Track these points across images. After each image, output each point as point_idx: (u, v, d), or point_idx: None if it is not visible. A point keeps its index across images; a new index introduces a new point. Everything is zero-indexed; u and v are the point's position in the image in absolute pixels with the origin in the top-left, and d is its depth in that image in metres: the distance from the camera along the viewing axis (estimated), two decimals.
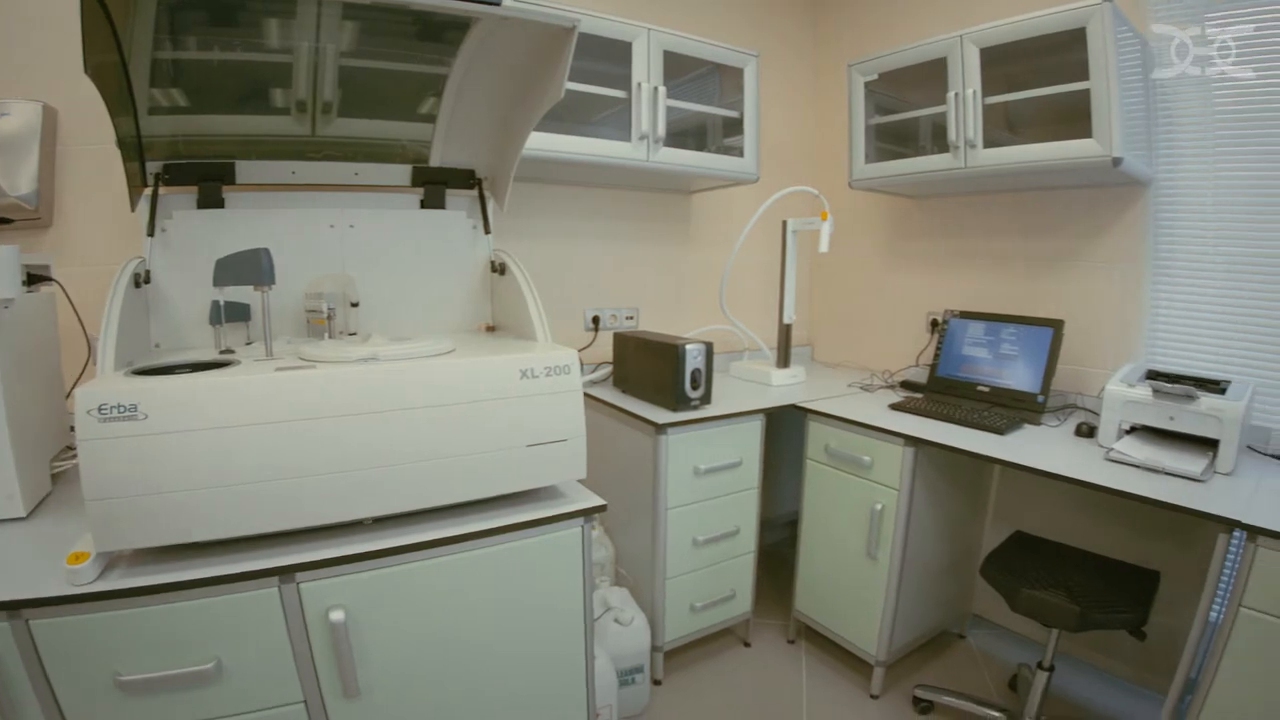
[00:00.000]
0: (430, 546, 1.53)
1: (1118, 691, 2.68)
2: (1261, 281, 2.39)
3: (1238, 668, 1.74)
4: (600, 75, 2.54)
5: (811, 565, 2.83)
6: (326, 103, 1.95)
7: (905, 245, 3.45)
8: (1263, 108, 2.36)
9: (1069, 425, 2.52)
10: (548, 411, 1.67)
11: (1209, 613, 1.85)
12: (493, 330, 2.27)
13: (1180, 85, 2.51)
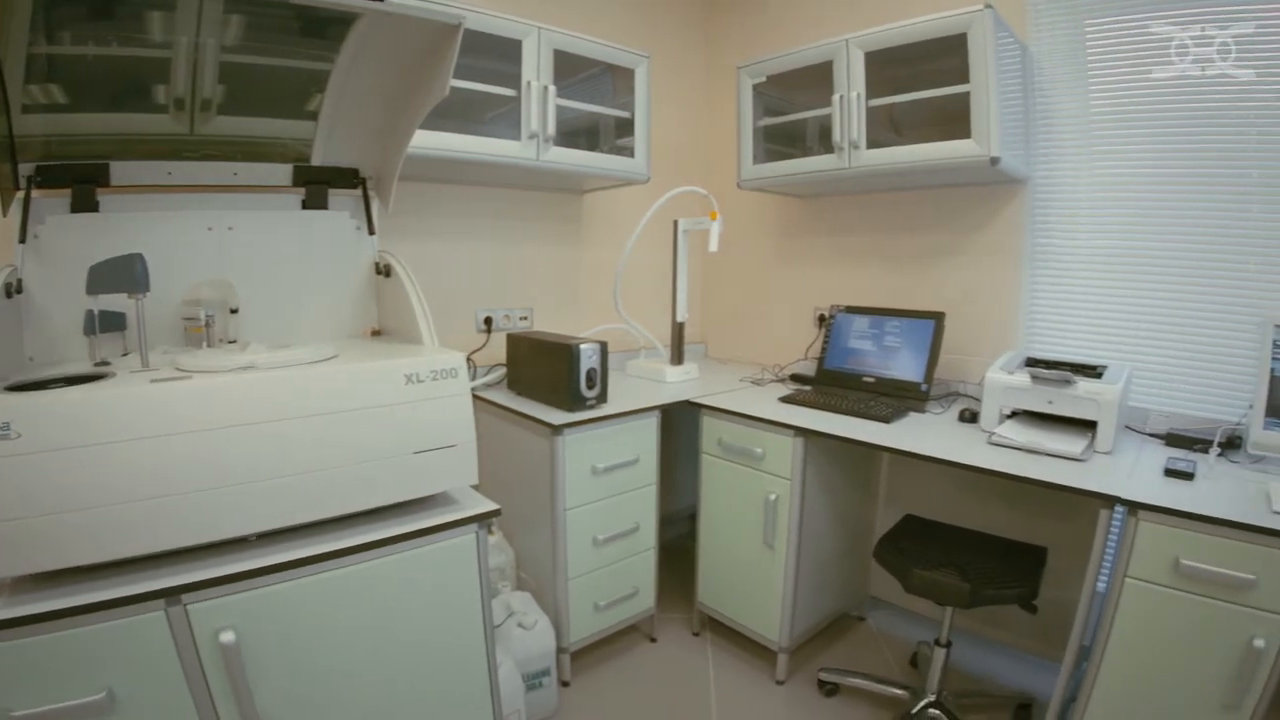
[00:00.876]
0: (317, 561, 1.54)
1: (1015, 662, 2.90)
2: (1134, 271, 2.63)
3: (1127, 634, 1.92)
4: (492, 73, 2.56)
5: (711, 557, 2.93)
6: (206, 100, 1.90)
7: (793, 243, 3.63)
8: (1135, 108, 2.59)
9: (953, 412, 2.70)
10: (435, 417, 1.69)
11: (1095, 584, 2.04)
12: (379, 335, 2.28)
13: (1058, 88, 2.73)
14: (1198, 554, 1.80)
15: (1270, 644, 1.77)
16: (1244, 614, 1.79)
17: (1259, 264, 2.45)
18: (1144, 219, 2.61)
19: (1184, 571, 1.82)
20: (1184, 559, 1.81)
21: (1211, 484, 2.03)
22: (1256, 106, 2.39)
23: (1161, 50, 2.52)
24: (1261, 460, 2.23)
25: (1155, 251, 2.59)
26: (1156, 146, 2.56)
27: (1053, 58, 2.73)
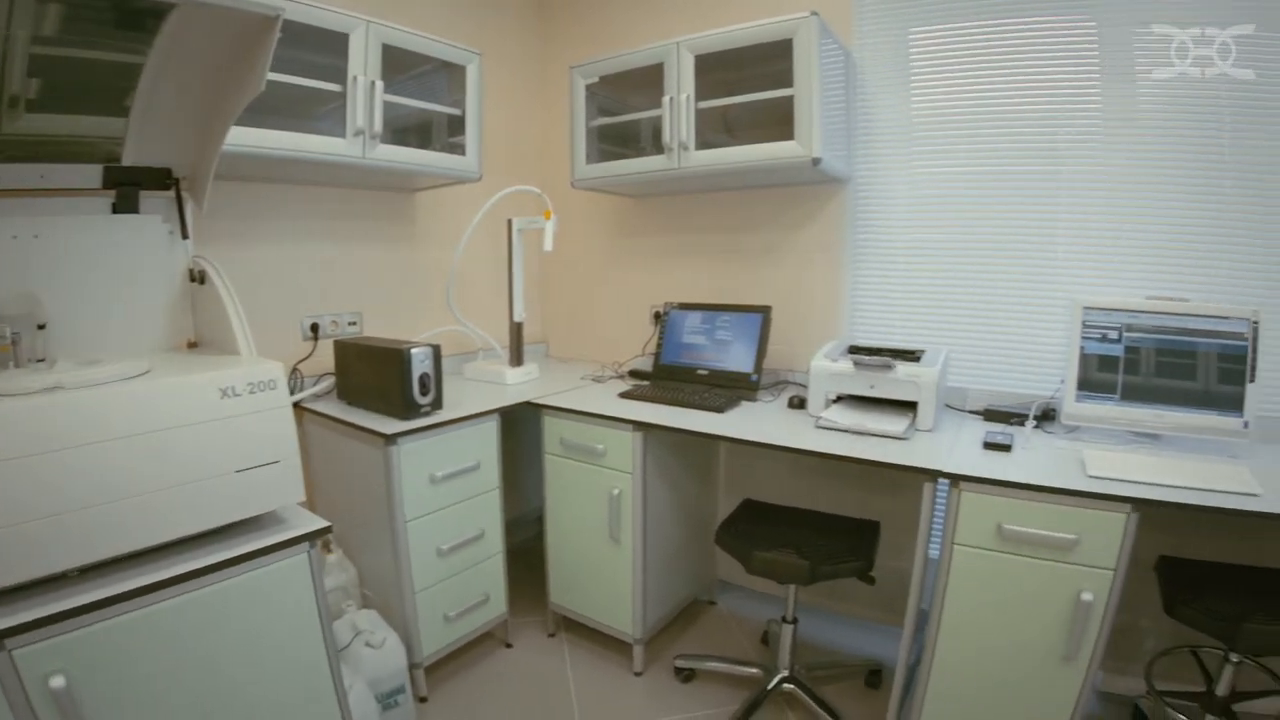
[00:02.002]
0: (141, 594, 1.50)
1: (862, 632, 3.18)
2: (952, 262, 2.96)
3: (961, 597, 2.17)
4: (320, 68, 2.51)
5: (560, 557, 3.03)
6: (14, 96, 1.79)
7: (629, 242, 3.80)
8: (954, 111, 2.93)
9: (783, 400, 2.93)
10: (256, 432, 1.68)
11: (927, 552, 2.27)
12: (195, 346, 2.21)
13: (880, 92, 3.01)
14: (1019, 519, 2.06)
15: (1098, 596, 2.03)
16: (1070, 570, 2.05)
17: (1067, 250, 2.80)
18: (961, 213, 2.94)
19: (1007, 536, 2.06)
20: (1006, 524, 2.06)
21: (1029, 454, 2.31)
22: (1066, 108, 2.77)
23: (981, 55, 2.86)
24: (1075, 430, 2.55)
25: (971, 243, 2.92)
26: (973, 146, 2.90)
27: (876, 63, 3.02)
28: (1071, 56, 2.74)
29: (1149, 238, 2.73)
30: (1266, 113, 2.58)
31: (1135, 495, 2.00)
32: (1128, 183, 2.73)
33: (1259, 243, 2.64)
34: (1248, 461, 2.32)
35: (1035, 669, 2.16)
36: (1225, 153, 2.65)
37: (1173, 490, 2.03)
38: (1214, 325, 2.44)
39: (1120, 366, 2.49)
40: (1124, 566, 2.03)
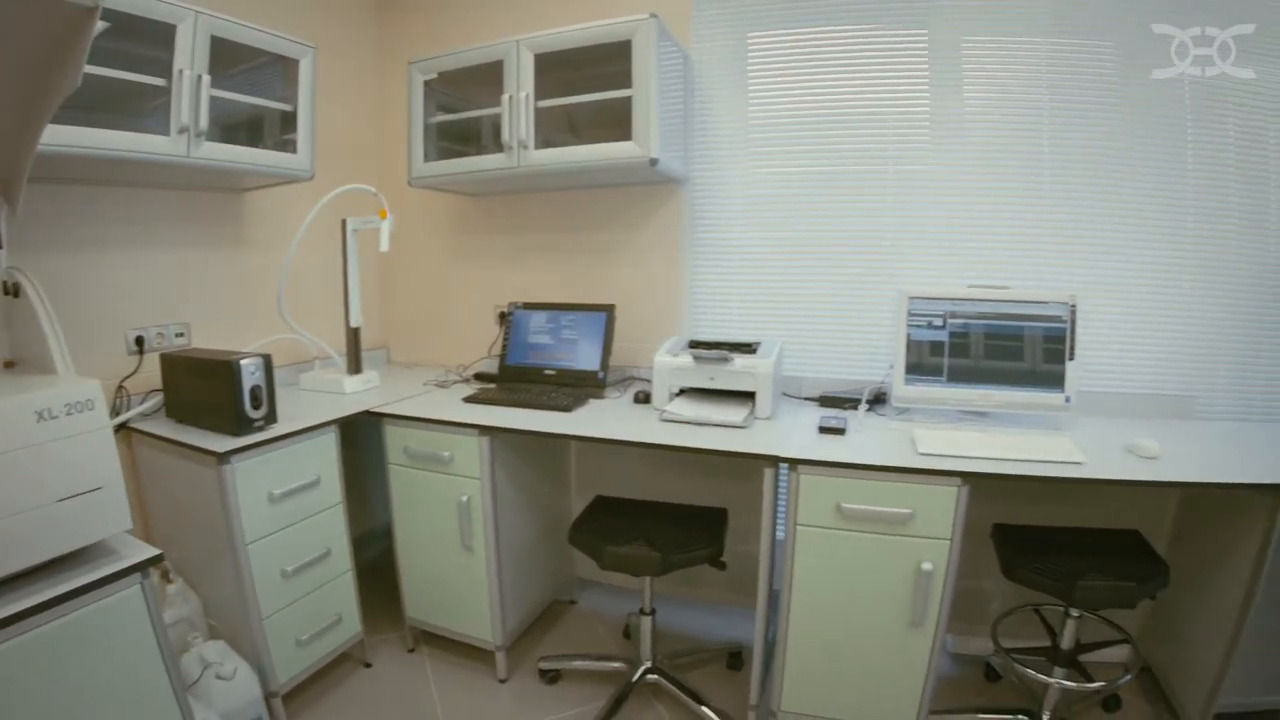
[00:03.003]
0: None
1: (721, 616, 3.33)
2: (787, 257, 3.19)
3: (808, 574, 2.35)
4: (147, 61, 2.38)
5: (413, 569, 3.02)
6: None
7: (471, 241, 3.81)
8: (790, 113, 3.14)
9: (629, 395, 3.05)
10: (75, 457, 1.62)
11: (773, 535, 2.42)
12: (12, 366, 2.09)
13: (718, 94, 3.18)
14: (857, 497, 2.24)
15: (937, 565, 2.24)
16: (909, 543, 2.25)
17: (893, 244, 3.09)
18: (795, 211, 3.16)
19: (847, 514, 2.24)
20: (845, 503, 2.24)
21: (862, 436, 2.52)
22: (897, 111, 3.06)
23: (817, 61, 3.09)
24: (906, 411, 2.80)
25: (805, 239, 3.16)
26: (807, 147, 3.13)
27: (715, 66, 3.18)
28: (903, 63, 3.02)
29: (975, 231, 3.06)
30: (1082, 114, 2.95)
31: (964, 469, 2.21)
32: (954, 181, 3.04)
33: (1076, 233, 3.01)
34: (1070, 433, 2.62)
35: (885, 637, 2.37)
36: (1044, 152, 3.01)
37: (1000, 463, 2.26)
38: (1034, 310, 2.72)
39: (945, 351, 2.76)
40: (959, 536, 2.24)
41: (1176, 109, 2.98)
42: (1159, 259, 3.03)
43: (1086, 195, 3.00)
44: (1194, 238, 3.01)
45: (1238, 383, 3.09)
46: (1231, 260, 3.04)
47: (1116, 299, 3.03)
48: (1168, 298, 3.05)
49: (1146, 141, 2.99)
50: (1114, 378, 3.05)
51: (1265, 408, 3.08)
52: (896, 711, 2.46)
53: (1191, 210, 3.01)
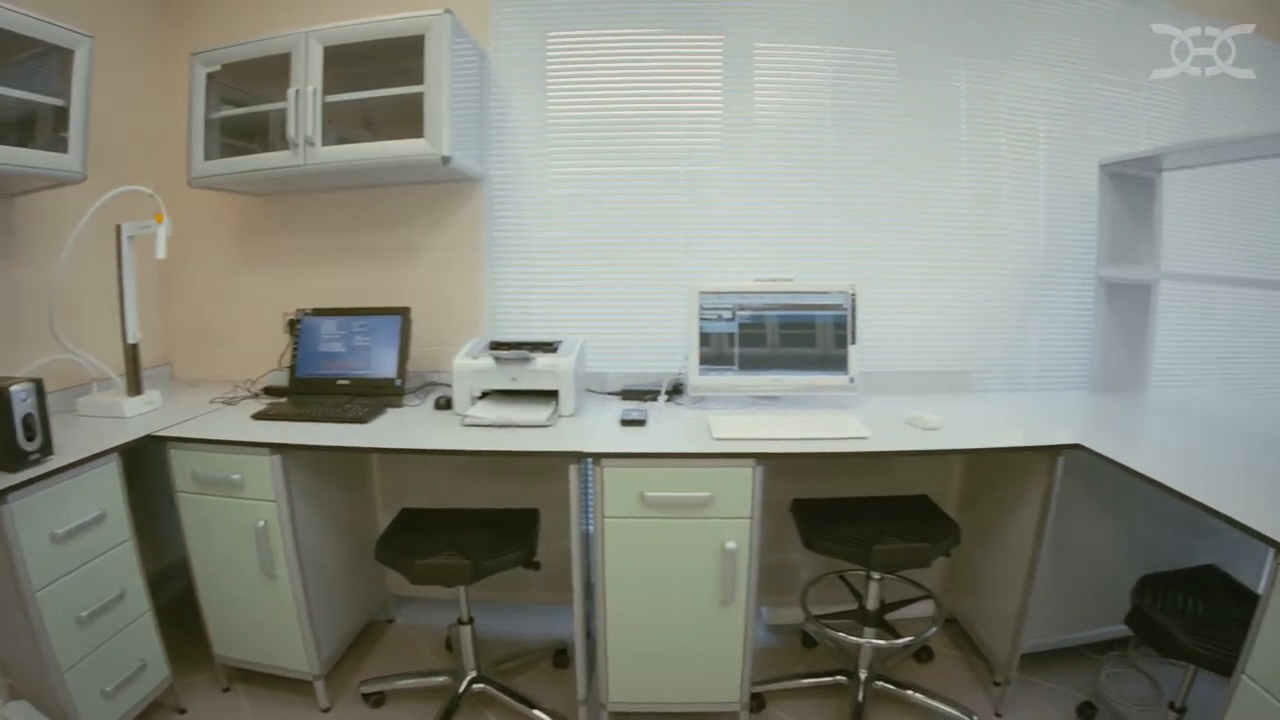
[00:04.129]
0: None
1: (542, 616, 3.39)
2: (587, 255, 3.30)
3: (619, 565, 2.42)
4: None
5: (217, 604, 2.85)
6: None
7: (258, 245, 3.62)
8: (588, 112, 3.23)
9: (429, 402, 3.03)
10: None
11: (584, 529, 2.50)
12: None
13: (516, 92, 3.22)
14: (659, 485, 2.34)
15: (740, 544, 2.38)
16: (711, 524, 2.37)
17: (687, 241, 3.29)
18: (594, 210, 3.27)
19: (651, 502, 2.34)
20: (648, 492, 2.34)
21: (662, 426, 2.64)
22: (692, 113, 3.25)
23: (616, 62, 3.21)
24: (702, 400, 2.97)
25: (604, 238, 3.28)
26: (605, 147, 3.24)
27: (513, 64, 3.22)
28: (699, 67, 3.21)
29: (765, 228, 3.33)
30: (864, 117, 3.28)
31: (757, 450, 2.36)
32: (745, 180, 3.28)
33: (859, 227, 3.34)
34: (856, 411, 2.87)
35: (700, 617, 2.49)
36: (827, 152, 3.31)
37: (791, 442, 2.44)
38: (818, 300, 3.00)
39: (736, 341, 2.95)
40: (759, 514, 2.39)
41: (952, 112, 3.29)
42: (936, 248, 3.45)
43: (868, 192, 3.35)
44: (968, 228, 3.36)
45: (1011, 357, 3.42)
46: (1003, 247, 3.40)
47: (897, 286, 3.40)
48: (944, 283, 3.47)
49: (924, 142, 3.36)
50: (896, 358, 3.41)
51: (1038, 378, 3.45)
52: (720, 688, 2.60)
53: (966, 203, 3.34)
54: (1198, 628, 2.16)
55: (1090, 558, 2.96)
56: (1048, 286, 3.63)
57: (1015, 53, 3.45)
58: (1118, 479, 2.38)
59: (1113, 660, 3.13)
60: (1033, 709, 2.92)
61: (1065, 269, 3.61)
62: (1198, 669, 2.24)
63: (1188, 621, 2.20)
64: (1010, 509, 2.88)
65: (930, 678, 3.09)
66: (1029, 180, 3.52)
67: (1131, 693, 2.99)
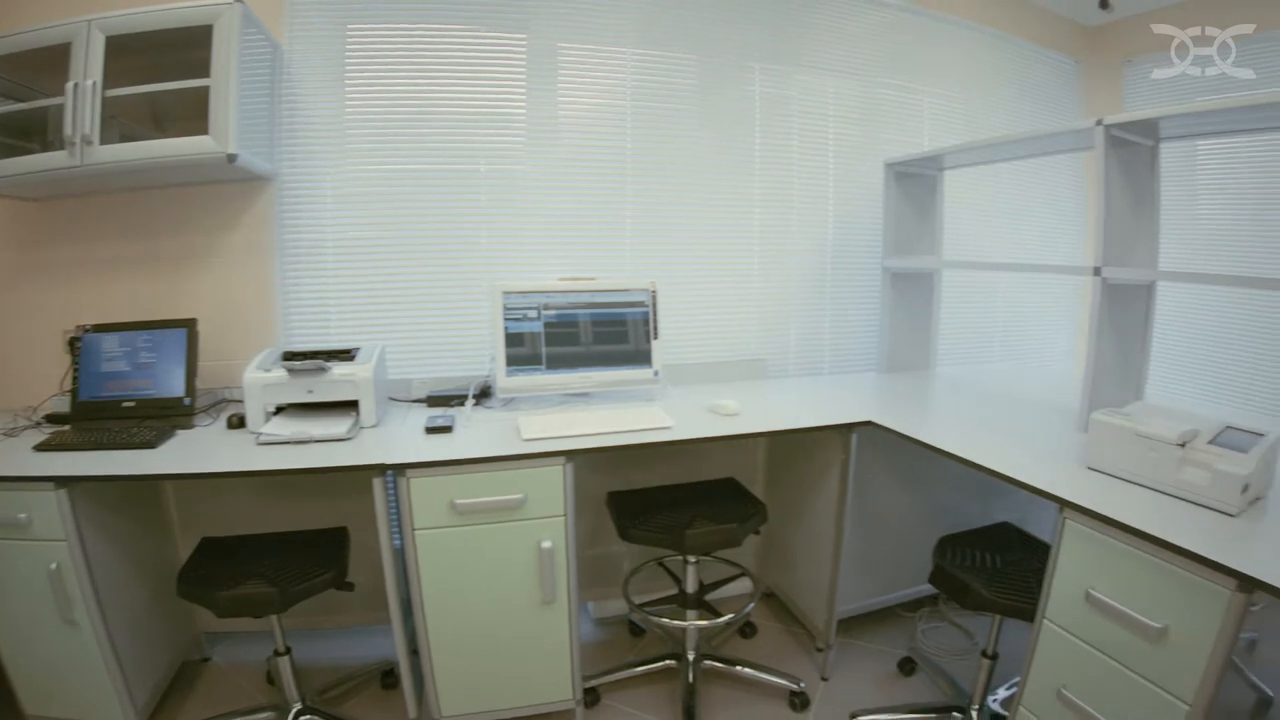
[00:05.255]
0: None
1: (363, 637, 3.23)
2: (387, 256, 3.14)
3: (436, 577, 2.35)
4: None
5: (17, 658, 2.44)
6: None
7: (34, 256, 3.14)
8: (385, 112, 3.09)
9: (222, 421, 2.77)
10: None
11: (394, 544, 2.39)
12: None
13: (312, 87, 3.02)
14: (469, 492, 2.28)
15: (556, 542, 2.36)
16: (526, 525, 2.34)
17: (489, 240, 3.21)
18: (393, 210, 3.13)
19: (462, 509, 2.28)
20: (458, 499, 2.27)
21: (470, 431, 2.56)
22: (495, 111, 3.18)
23: (418, 57, 3.09)
24: (511, 401, 2.91)
25: (403, 238, 3.14)
26: (405, 144, 3.11)
27: (310, 58, 3.01)
28: (502, 65, 3.16)
29: (568, 227, 3.32)
30: (661, 121, 3.36)
31: (566, 448, 2.35)
32: (547, 179, 3.25)
33: (658, 226, 3.41)
34: (662, 402, 2.93)
35: (524, 620, 2.45)
36: (628, 154, 3.34)
37: (599, 437, 2.43)
38: (620, 297, 3.02)
39: (542, 340, 2.92)
40: (573, 510, 2.38)
41: (748, 115, 3.44)
42: (734, 244, 3.56)
43: (669, 191, 3.42)
44: (763, 225, 3.45)
45: (806, 344, 3.59)
46: (796, 242, 3.55)
47: (698, 281, 3.50)
48: (742, 277, 3.63)
49: (722, 143, 3.48)
50: (699, 350, 3.52)
51: (832, 362, 3.65)
52: (553, 687, 2.57)
53: (761, 201, 3.45)
54: (997, 580, 2.31)
55: (893, 524, 3.15)
56: (838, 277, 3.88)
57: (809, 60, 3.65)
58: (910, 450, 2.55)
59: (926, 616, 3.34)
60: (855, 669, 3.07)
61: (854, 261, 3.88)
62: (1003, 617, 2.38)
63: (987, 575, 2.34)
64: (813, 485, 3.01)
65: (756, 651, 3.19)
66: (819, 179, 3.74)
67: (946, 644, 3.20)
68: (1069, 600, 1.97)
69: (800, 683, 2.85)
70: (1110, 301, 2.63)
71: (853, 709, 2.75)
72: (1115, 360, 2.73)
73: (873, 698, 2.86)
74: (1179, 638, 1.69)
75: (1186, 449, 1.97)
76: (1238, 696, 2.16)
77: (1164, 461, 1.99)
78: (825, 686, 2.97)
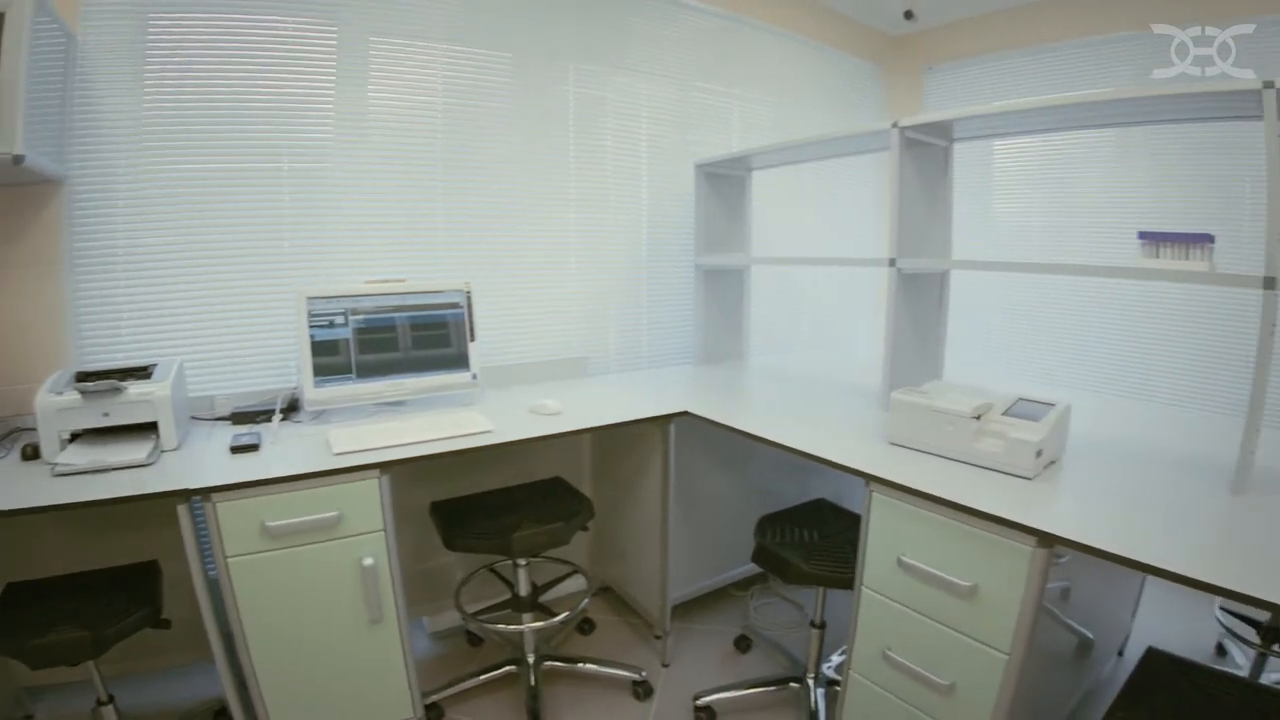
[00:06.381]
0: None
1: (192, 678, 2.94)
2: (185, 264, 2.85)
3: (255, 606, 2.18)
4: None
5: None
6: None
7: None
8: (189, 108, 2.81)
9: (16, 452, 2.50)
10: None
11: (207, 575, 2.20)
12: None
13: (109, 83, 2.72)
14: (282, 513, 2.14)
15: (378, 558, 2.25)
16: (345, 543, 2.23)
17: (292, 244, 2.98)
18: (194, 214, 2.85)
19: (275, 532, 2.13)
20: (270, 521, 2.13)
21: (278, 448, 2.41)
22: (302, 107, 2.97)
23: (224, 49, 2.82)
24: (320, 414, 2.75)
25: (203, 241, 2.86)
26: (208, 143, 2.84)
27: (107, 49, 2.71)
28: (312, 58, 2.95)
29: (379, 227, 3.16)
30: (476, 120, 3.31)
31: (379, 460, 2.26)
32: (357, 178, 3.09)
33: (474, 226, 3.34)
34: (481, 406, 2.87)
35: (352, 642, 2.33)
36: (441, 151, 3.25)
37: (415, 446, 2.35)
38: (434, 299, 2.92)
39: (351, 348, 2.77)
40: (392, 524, 2.29)
41: (562, 115, 3.42)
42: (550, 244, 3.53)
43: (484, 191, 3.36)
44: (579, 224, 3.48)
45: (626, 340, 3.65)
46: (612, 241, 3.59)
47: (515, 281, 3.47)
48: (560, 276, 3.62)
49: (536, 143, 3.46)
50: (519, 350, 3.49)
51: (650, 357, 3.72)
52: (392, 707, 2.47)
53: (576, 201, 3.46)
54: (815, 554, 2.40)
55: (717, 508, 3.23)
56: (654, 274, 3.97)
57: (624, 61, 3.70)
58: (728, 436, 2.63)
59: (757, 593, 3.46)
60: (694, 652, 3.14)
61: (670, 258, 3.98)
62: (825, 589, 2.50)
63: (805, 550, 2.43)
64: (637, 478, 3.06)
65: (596, 646, 3.20)
66: (634, 179, 3.80)
67: (778, 618, 3.32)
68: (883, 567, 2.10)
69: (642, 672, 2.88)
70: (906, 289, 2.80)
71: (695, 691, 2.80)
72: (913, 343, 2.90)
73: (713, 678, 2.91)
74: (990, 594, 1.84)
75: (982, 421, 2.13)
76: (1059, 641, 2.30)
77: (961, 433, 2.16)
78: (667, 673, 3.02)
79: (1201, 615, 3.26)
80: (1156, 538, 1.73)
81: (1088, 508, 1.95)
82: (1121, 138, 3.99)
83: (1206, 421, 3.00)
